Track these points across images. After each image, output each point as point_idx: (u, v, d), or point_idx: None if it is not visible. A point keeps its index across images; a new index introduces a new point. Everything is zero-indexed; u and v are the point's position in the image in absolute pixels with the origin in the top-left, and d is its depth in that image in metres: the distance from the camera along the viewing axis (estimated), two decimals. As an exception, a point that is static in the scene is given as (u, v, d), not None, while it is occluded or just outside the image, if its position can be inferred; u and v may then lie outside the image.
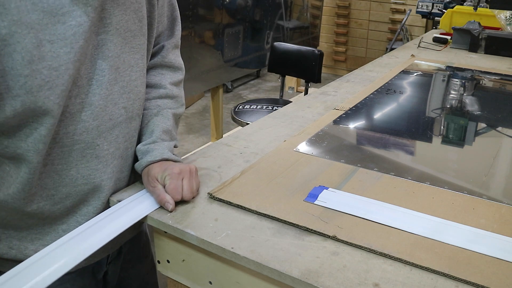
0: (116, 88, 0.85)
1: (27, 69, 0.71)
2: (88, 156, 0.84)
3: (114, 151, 0.88)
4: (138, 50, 0.89)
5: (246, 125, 1.59)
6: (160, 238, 0.90)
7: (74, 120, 0.80)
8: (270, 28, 3.58)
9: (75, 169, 0.84)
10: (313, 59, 2.55)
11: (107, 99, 0.84)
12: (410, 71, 1.92)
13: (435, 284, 0.70)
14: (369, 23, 5.21)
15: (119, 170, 0.91)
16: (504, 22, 2.41)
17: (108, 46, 0.82)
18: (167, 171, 0.88)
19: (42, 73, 0.72)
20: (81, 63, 0.78)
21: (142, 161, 0.92)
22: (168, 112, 0.99)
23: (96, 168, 0.86)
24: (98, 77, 0.82)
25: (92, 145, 0.84)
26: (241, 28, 3.19)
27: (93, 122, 0.83)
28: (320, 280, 0.70)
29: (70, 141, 0.81)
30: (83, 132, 0.82)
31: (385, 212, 0.87)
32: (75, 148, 0.82)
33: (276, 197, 0.91)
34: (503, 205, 0.91)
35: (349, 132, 1.28)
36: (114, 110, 0.86)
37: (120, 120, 0.88)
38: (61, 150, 0.81)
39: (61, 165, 0.82)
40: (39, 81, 0.72)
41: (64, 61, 0.74)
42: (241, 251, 0.76)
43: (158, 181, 0.88)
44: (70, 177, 0.84)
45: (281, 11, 3.68)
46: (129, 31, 0.86)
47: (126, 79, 0.87)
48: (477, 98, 1.65)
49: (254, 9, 3.31)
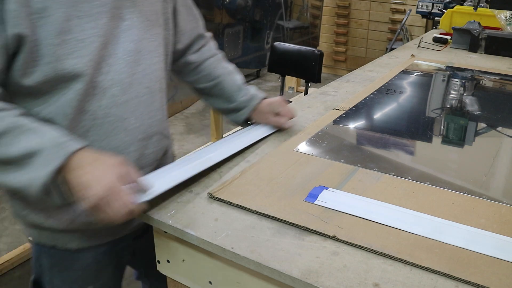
0: (139, 68, 0.95)
1: (57, 39, 0.81)
2: (117, 129, 0.93)
3: (140, 126, 0.97)
4: (156, 38, 1.00)
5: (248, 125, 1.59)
6: (160, 238, 0.90)
7: (106, 95, 0.90)
8: (270, 28, 3.58)
9: (106, 140, 0.92)
10: (313, 59, 2.55)
11: (133, 78, 0.94)
12: (410, 71, 1.92)
13: (435, 284, 0.70)
14: (369, 23, 5.21)
15: (143, 146, 0.99)
16: (504, 22, 2.41)
17: (133, 31, 0.93)
18: (273, 103, 1.19)
19: (70, 43, 0.83)
20: (107, 39, 0.88)
21: (251, 104, 1.19)
22: (232, 69, 1.24)
23: (124, 140, 0.95)
24: (126, 57, 0.92)
25: (121, 118, 0.93)
26: (241, 28, 3.19)
27: (122, 97, 0.92)
28: (320, 280, 0.70)
29: (102, 114, 0.91)
30: (113, 106, 0.91)
31: (385, 212, 0.87)
32: (106, 120, 0.91)
33: (276, 197, 0.91)
34: (503, 205, 0.91)
35: (349, 132, 1.28)
36: (139, 89, 0.96)
37: (144, 98, 0.97)
38: (94, 122, 0.90)
39: (94, 136, 0.91)
40: (67, 50, 0.83)
41: (89, 34, 0.85)
42: (241, 251, 0.76)
43: (270, 112, 1.19)
44: (100, 148, 0.91)
45: (281, 11, 3.69)
46: (148, 21, 0.97)
47: (148, 62, 0.97)
48: (477, 98, 1.65)
49: (254, 9, 3.32)
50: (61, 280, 1.02)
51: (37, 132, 0.80)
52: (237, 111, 1.21)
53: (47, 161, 0.77)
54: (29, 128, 0.80)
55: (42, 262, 1.02)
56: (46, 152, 0.78)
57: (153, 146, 1.02)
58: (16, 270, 2.22)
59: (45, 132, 0.80)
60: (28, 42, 0.79)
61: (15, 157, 0.78)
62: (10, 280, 2.15)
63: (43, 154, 0.78)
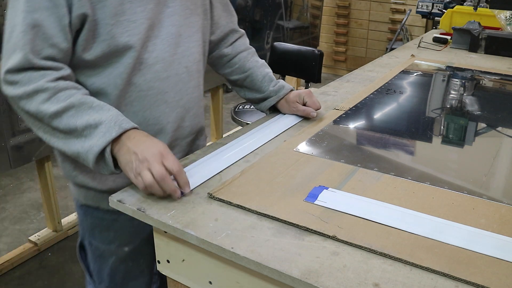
0: (179, 50, 1.08)
1: (112, 20, 0.96)
2: (159, 101, 1.06)
3: (179, 100, 1.10)
4: (194, 25, 1.13)
5: (246, 125, 1.59)
6: (160, 238, 0.90)
7: (150, 70, 1.03)
8: (270, 28, 3.58)
9: (148, 111, 1.06)
10: (313, 59, 2.55)
11: (173, 57, 1.07)
12: (410, 71, 1.92)
13: (435, 284, 0.70)
14: (369, 23, 5.21)
15: (181, 118, 1.12)
16: (504, 22, 2.41)
17: (174, 17, 1.07)
18: (301, 94, 1.29)
19: (123, 23, 0.97)
20: (153, 22, 1.02)
21: (280, 93, 1.30)
22: (263, 62, 1.36)
23: (164, 111, 1.08)
24: (168, 38, 1.05)
25: (162, 92, 1.06)
26: (241, 28, 3.19)
27: (164, 73, 1.06)
28: (320, 280, 0.70)
29: (146, 87, 1.04)
30: (156, 80, 1.05)
31: (385, 212, 0.87)
32: (149, 93, 1.05)
33: (276, 197, 0.91)
34: (503, 205, 0.91)
35: (349, 132, 1.28)
36: (179, 68, 1.09)
37: (183, 76, 1.10)
38: (139, 93, 1.04)
39: (138, 106, 1.05)
40: (121, 29, 0.97)
41: (139, 17, 0.99)
42: (241, 251, 0.76)
43: (298, 102, 1.29)
44: (144, 117, 1.05)
45: (281, 11, 3.68)
46: (188, 9, 1.10)
47: (186, 45, 1.10)
48: (477, 98, 1.65)
49: (254, 9, 3.32)
50: (100, 240, 1.14)
51: (99, 110, 0.93)
52: (264, 100, 1.33)
53: (105, 133, 0.90)
54: (93, 106, 0.94)
55: (85, 224, 1.15)
56: (105, 125, 0.91)
57: (189, 120, 1.15)
58: (16, 270, 2.22)
59: (106, 111, 0.94)
60: (89, 22, 0.94)
61: (79, 128, 0.91)
62: (10, 280, 2.15)
63: (103, 127, 0.91)
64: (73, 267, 2.25)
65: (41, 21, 0.90)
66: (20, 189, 2.95)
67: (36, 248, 2.33)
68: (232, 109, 2.57)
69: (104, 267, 1.16)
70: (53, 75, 0.93)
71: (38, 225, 2.55)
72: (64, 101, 0.92)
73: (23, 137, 2.02)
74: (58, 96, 0.92)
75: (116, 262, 1.15)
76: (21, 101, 0.92)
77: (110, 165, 0.92)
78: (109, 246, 1.14)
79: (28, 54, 0.90)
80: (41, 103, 0.91)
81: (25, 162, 2.11)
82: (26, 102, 0.92)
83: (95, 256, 1.17)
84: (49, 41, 0.92)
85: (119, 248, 1.14)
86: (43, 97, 0.91)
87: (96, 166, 0.92)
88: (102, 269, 1.16)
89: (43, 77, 0.92)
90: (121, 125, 0.92)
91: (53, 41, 0.92)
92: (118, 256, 1.15)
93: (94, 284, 1.19)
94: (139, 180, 0.88)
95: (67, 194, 2.86)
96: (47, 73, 0.93)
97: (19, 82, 0.91)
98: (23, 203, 2.79)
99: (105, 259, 1.15)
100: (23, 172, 3.09)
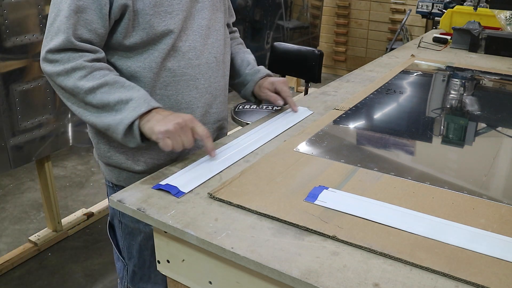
0: (209, 41, 1.19)
1: (151, 10, 1.07)
2: (191, 86, 1.16)
3: (208, 87, 1.19)
4: (220, 20, 1.24)
5: (246, 125, 1.59)
6: (160, 238, 0.90)
7: (184, 58, 1.14)
8: (270, 28, 3.58)
9: (181, 95, 1.15)
10: (313, 59, 2.55)
11: (204, 47, 1.17)
12: (410, 71, 1.91)
13: (435, 284, 0.70)
14: (369, 23, 5.21)
15: (209, 104, 1.21)
16: (504, 22, 2.41)
17: (204, 12, 1.18)
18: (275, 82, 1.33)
19: (161, 14, 1.08)
20: (188, 14, 1.13)
21: (255, 77, 1.35)
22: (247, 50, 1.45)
23: (195, 97, 1.17)
24: (199, 30, 1.16)
25: (194, 78, 1.16)
26: (241, 28, 3.19)
27: (196, 61, 1.15)
28: (320, 280, 0.70)
29: (180, 72, 1.14)
30: (189, 67, 1.15)
31: (385, 212, 0.87)
32: (183, 78, 1.14)
33: (276, 197, 0.91)
34: (503, 205, 0.91)
35: (349, 132, 1.28)
36: (209, 57, 1.19)
37: (212, 65, 1.20)
38: (173, 78, 1.13)
39: (172, 90, 1.14)
40: (159, 19, 1.08)
41: (176, 8, 1.10)
42: (241, 251, 0.76)
43: (269, 89, 1.33)
44: (176, 101, 1.15)
45: (281, 11, 3.68)
46: (214, 6, 1.22)
47: (214, 37, 1.21)
48: (477, 98, 1.65)
49: (254, 9, 3.32)
50: (130, 219, 1.18)
51: (130, 90, 1.03)
52: (244, 85, 1.38)
53: (135, 108, 1.00)
54: (125, 85, 1.04)
55: None
56: (135, 101, 1.01)
57: (216, 107, 1.24)
58: (16, 270, 2.22)
59: (136, 90, 1.03)
60: (129, 12, 1.05)
61: (111, 103, 1.01)
62: (10, 280, 2.15)
63: (133, 102, 1.01)
64: (73, 267, 2.25)
65: (84, 8, 1.01)
66: (20, 189, 2.95)
67: (36, 248, 2.33)
68: (232, 109, 2.57)
69: (133, 243, 1.24)
70: (90, 56, 1.03)
71: (38, 225, 2.55)
72: (99, 79, 1.02)
73: (23, 137, 2.02)
74: (94, 74, 1.02)
75: (144, 240, 1.22)
76: (59, 78, 1.02)
77: (137, 138, 1.01)
78: (138, 225, 1.20)
79: (70, 37, 1.01)
80: (78, 79, 1.01)
81: (25, 162, 2.11)
82: (64, 79, 1.02)
83: (124, 233, 1.24)
84: (89, 27, 1.03)
85: (147, 226, 1.16)
86: (80, 74, 1.01)
87: (124, 138, 1.02)
88: (131, 246, 1.24)
89: (81, 57, 1.02)
90: (149, 103, 1.02)
91: (92, 27, 1.03)
92: (146, 233, 1.20)
93: (123, 261, 1.27)
94: (161, 124, 0.98)
95: (67, 194, 2.86)
96: (85, 54, 1.03)
97: (59, 61, 1.02)
98: (23, 203, 2.79)
99: (134, 237, 1.23)
100: (23, 172, 3.09)
